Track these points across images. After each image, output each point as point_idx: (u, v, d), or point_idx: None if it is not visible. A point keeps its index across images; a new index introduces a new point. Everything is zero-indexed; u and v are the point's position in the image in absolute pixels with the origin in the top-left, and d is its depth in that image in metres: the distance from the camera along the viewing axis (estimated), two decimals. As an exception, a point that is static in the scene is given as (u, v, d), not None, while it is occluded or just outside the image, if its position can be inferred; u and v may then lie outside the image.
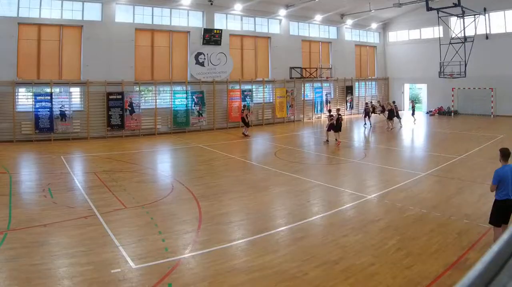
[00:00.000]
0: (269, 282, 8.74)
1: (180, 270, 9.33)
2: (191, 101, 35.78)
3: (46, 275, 8.93)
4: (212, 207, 14.09)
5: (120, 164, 22.00)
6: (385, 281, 8.68)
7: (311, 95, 44.34)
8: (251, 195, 15.62)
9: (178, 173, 20.83)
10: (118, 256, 9.94)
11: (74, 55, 31.53)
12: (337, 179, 18.52)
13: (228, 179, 18.81)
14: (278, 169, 20.24)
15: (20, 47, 29.41)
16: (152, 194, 15.95)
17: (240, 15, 39.23)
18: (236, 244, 10.91)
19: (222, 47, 37.66)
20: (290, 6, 40.41)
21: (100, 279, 8.78)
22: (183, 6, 35.41)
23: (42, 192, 15.73)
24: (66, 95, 30.82)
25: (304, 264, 9.49)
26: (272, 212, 13.92)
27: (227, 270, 9.30)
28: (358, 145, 29.10)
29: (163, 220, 12.75)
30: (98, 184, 17.17)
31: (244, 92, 38.91)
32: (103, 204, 14.21)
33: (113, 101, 32.15)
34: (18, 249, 10.15)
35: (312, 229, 12.18)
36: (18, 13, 29.21)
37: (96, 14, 32.18)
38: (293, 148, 26.57)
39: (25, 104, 29.89)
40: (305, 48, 44.28)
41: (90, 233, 11.42)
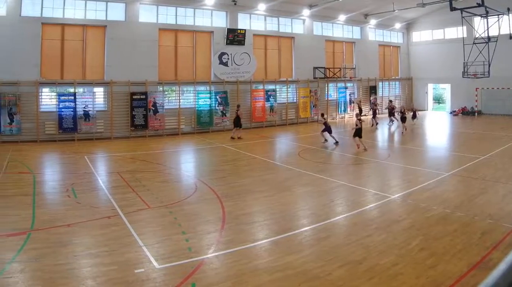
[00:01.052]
0: (292, 282, 8.49)
1: (204, 270, 9.08)
2: (215, 101, 34.44)
3: (69, 275, 8.71)
4: (236, 207, 13.66)
5: (143, 164, 21.22)
6: (408, 281, 8.46)
7: (334, 95, 42.79)
8: (274, 195, 15.08)
9: (202, 172, 19.97)
10: (142, 256, 9.69)
11: (97, 55, 30.36)
12: (360, 179, 17.79)
13: (251, 179, 18.04)
14: (302, 168, 19.46)
15: (44, 47, 28.33)
16: (176, 194, 15.48)
17: (263, 15, 37.76)
18: (260, 244, 10.59)
19: (246, 47, 36.21)
20: (314, 6, 38.88)
21: (123, 279, 8.57)
22: (207, 6, 34.04)
23: (65, 192, 15.23)
24: (90, 95, 29.70)
25: (327, 264, 9.23)
26: (295, 212, 13.45)
27: (250, 270, 9.05)
28: (382, 145, 28.06)
29: (187, 220, 12.36)
30: (122, 184, 16.60)
31: (267, 92, 37.39)
32: (127, 204, 13.81)
33: (137, 101, 30.95)
34: (42, 249, 9.86)
35: (336, 229, 11.83)
36: (42, 13, 28.13)
37: (120, 14, 30.98)
38: (316, 148, 25.53)
39: (49, 104, 28.83)
40: (328, 48, 42.59)
41: (114, 233, 11.12)
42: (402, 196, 14.62)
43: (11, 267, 8.94)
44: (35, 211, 12.87)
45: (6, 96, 26.84)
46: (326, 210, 13.36)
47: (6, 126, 26.98)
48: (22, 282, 8.35)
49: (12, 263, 9.13)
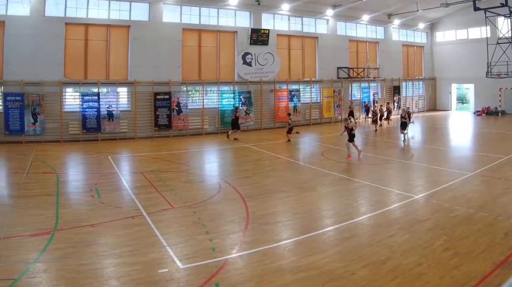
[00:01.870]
0: (316, 282, 8.20)
1: (227, 270, 8.78)
2: (238, 101, 33.06)
3: (93, 275, 8.43)
4: (259, 207, 13.20)
5: (167, 164, 20.47)
6: (432, 281, 8.16)
7: (358, 95, 41.15)
8: (298, 195, 14.59)
9: (225, 172, 19.24)
10: (166, 256, 9.39)
11: (121, 55, 29.20)
12: (384, 179, 16.96)
13: (275, 179, 17.36)
14: (326, 168, 18.78)
15: (67, 47, 27.23)
16: (199, 194, 14.91)
17: (287, 15, 36.18)
18: (283, 244, 10.24)
19: (270, 47, 34.72)
20: (337, 6, 37.31)
21: (147, 279, 8.31)
22: (231, 6, 32.71)
23: (89, 192, 14.78)
24: (114, 95, 28.54)
25: (351, 264, 8.94)
26: (319, 212, 13.03)
27: (274, 270, 8.75)
28: (405, 145, 26.51)
29: (210, 220, 11.96)
30: (145, 184, 16.05)
31: (291, 92, 35.91)
32: (150, 204, 13.39)
33: (161, 101, 29.75)
34: (65, 249, 9.60)
35: (359, 229, 11.36)
36: (65, 13, 27.05)
37: (144, 14, 29.78)
38: (340, 148, 24.04)
39: (72, 104, 27.81)
40: (352, 48, 40.84)
41: (137, 233, 10.80)
42: (425, 196, 14.14)
43: (34, 267, 8.67)
44: (59, 211, 12.47)
45: (30, 96, 25.82)
46: (349, 210, 12.88)
47: (30, 126, 25.96)
48: (46, 282, 8.06)
49: (35, 263, 8.85)
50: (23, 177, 16.79)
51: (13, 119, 25.52)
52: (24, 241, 10.09)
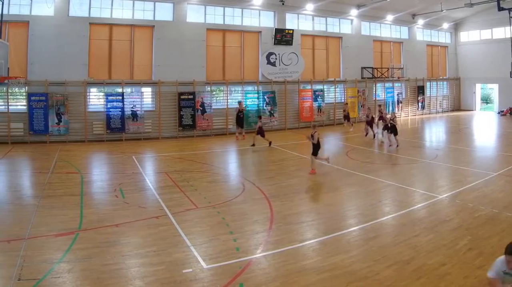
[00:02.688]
0: (340, 282, 7.99)
1: (252, 270, 8.54)
2: (263, 101, 31.51)
3: (117, 275, 8.21)
4: (284, 206, 12.79)
5: (191, 164, 19.61)
6: (456, 281, 7.96)
7: (382, 95, 39.06)
8: (322, 195, 14.49)
9: (249, 173, 18.37)
10: (190, 256, 9.14)
11: (145, 55, 27.84)
12: (408, 179, 16.31)
13: (299, 179, 16.64)
14: (350, 168, 18.15)
15: (92, 47, 26.01)
16: (224, 194, 14.43)
17: (311, 15, 34.37)
18: (308, 244, 9.92)
19: (294, 47, 33.03)
20: (362, 6, 35.44)
21: (171, 279, 8.09)
22: (255, 6, 31.11)
23: (113, 192, 14.35)
24: (138, 95, 27.20)
25: (375, 264, 8.71)
26: (343, 212, 12.58)
27: (298, 270, 8.51)
28: (429, 145, 25.47)
29: (235, 220, 11.59)
30: (170, 184, 15.53)
31: (315, 92, 34.13)
32: (175, 204, 12.98)
33: (185, 101, 28.34)
34: (90, 249, 9.37)
35: (384, 229, 10.97)
36: (90, 13, 25.83)
37: (168, 14, 28.38)
38: (364, 148, 23.33)
39: (97, 104, 26.57)
40: (376, 48, 38.79)
41: (162, 233, 10.49)
42: (450, 196, 13.70)
43: (59, 267, 8.42)
44: (83, 211, 12.14)
45: (54, 96, 24.66)
46: (373, 210, 12.43)
47: (54, 126, 24.78)
48: (70, 282, 7.87)
49: (60, 263, 8.60)
50: (47, 177, 16.21)
51: (37, 120, 24.38)
52: (49, 241, 9.78)
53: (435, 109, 43.72)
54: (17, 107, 24.95)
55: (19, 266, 8.39)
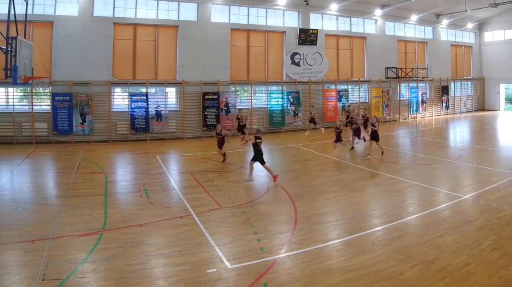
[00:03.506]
0: (365, 282, 7.48)
1: (276, 270, 8.08)
2: (287, 101, 29.64)
3: (141, 275, 7.81)
4: (308, 206, 12.14)
5: (215, 164, 18.39)
6: (480, 281, 7.46)
7: (406, 95, 36.77)
8: (346, 195, 13.43)
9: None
10: (214, 256, 8.70)
11: (169, 55, 26.24)
12: (432, 179, 15.32)
13: (323, 179, 15.78)
14: (374, 169, 17.19)
15: (116, 47, 24.54)
16: (248, 194, 13.78)
17: (335, 15, 32.32)
18: (332, 244, 9.42)
19: (318, 47, 31.02)
20: (386, 6, 33.23)
21: (195, 279, 7.66)
22: (279, 6, 29.22)
23: (137, 192, 13.63)
24: (162, 95, 25.66)
25: (399, 264, 8.21)
26: (367, 212, 11.87)
27: (323, 270, 8.04)
28: (453, 145, 24.00)
29: (259, 219, 11.02)
30: (194, 184, 14.73)
31: (339, 92, 32.14)
32: (199, 204, 12.32)
33: (209, 101, 26.68)
34: (114, 249, 8.94)
35: (408, 229, 10.39)
36: (114, 13, 24.36)
37: (192, 14, 26.74)
38: (388, 148, 21.53)
39: (121, 104, 25.07)
40: (400, 48, 36.45)
41: (186, 233, 9.99)
42: (474, 196, 12.97)
43: (83, 267, 8.06)
44: (107, 211, 11.59)
45: (78, 96, 23.27)
46: (398, 210, 11.82)
47: (78, 126, 23.39)
48: (94, 282, 7.53)
49: (84, 263, 8.23)
50: (71, 177, 15.47)
51: (61, 120, 23.02)
52: (73, 241, 9.37)
53: (459, 109, 41.22)
54: (41, 107, 23.59)
55: (43, 266, 7.99)
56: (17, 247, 8.99)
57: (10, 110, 22.73)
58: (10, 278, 7.56)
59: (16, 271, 7.86)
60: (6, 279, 7.49)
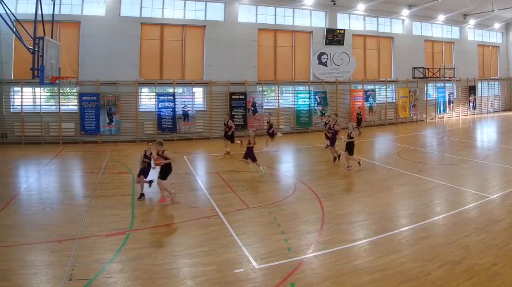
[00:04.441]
0: (392, 282, 6.94)
1: (303, 270, 7.46)
2: (314, 101, 27.39)
3: (168, 275, 7.23)
4: (335, 206, 11.39)
5: (242, 164, 16.42)
6: (507, 281, 6.92)
7: (433, 95, 33.90)
8: (373, 195, 12.51)
9: (301, 172, 15.99)
10: (241, 256, 8.04)
11: (196, 55, 24.28)
12: (459, 179, 14.34)
13: (350, 178, 14.79)
14: (401, 168, 15.95)
15: (143, 47, 22.75)
16: (275, 194, 12.79)
17: (362, 15, 29.80)
18: (359, 244, 8.66)
19: (345, 47, 28.58)
20: (413, 6, 30.48)
21: (223, 279, 7.09)
22: (306, 6, 26.94)
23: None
24: (189, 95, 23.76)
25: (426, 264, 7.57)
26: (394, 212, 11.10)
27: (350, 270, 7.42)
28: (480, 145, 22.37)
29: (286, 219, 10.25)
30: (221, 184, 13.76)
31: (366, 92, 29.65)
32: (226, 204, 11.53)
33: (236, 101, 24.70)
34: (141, 249, 8.32)
35: (435, 229, 9.54)
36: (141, 13, 22.58)
37: (219, 14, 24.76)
38: (416, 148, 20.59)
39: (148, 104, 23.23)
40: (427, 48, 33.52)
41: (213, 233, 9.29)
42: (501, 196, 12.06)
43: (110, 267, 7.48)
44: (134, 211, 10.87)
45: (105, 96, 21.58)
46: (425, 210, 11.03)
47: (105, 126, 21.71)
48: (121, 282, 6.98)
49: (111, 263, 7.65)
50: (98, 177, 14.48)
51: (88, 120, 21.38)
52: (100, 241, 8.81)
53: (486, 109, 38.13)
54: (68, 107, 21.98)
55: (71, 266, 7.50)
56: (45, 247, 8.43)
57: (38, 110, 21.16)
58: (38, 278, 7.08)
59: (44, 271, 7.34)
60: (34, 279, 7.04)
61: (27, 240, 8.72)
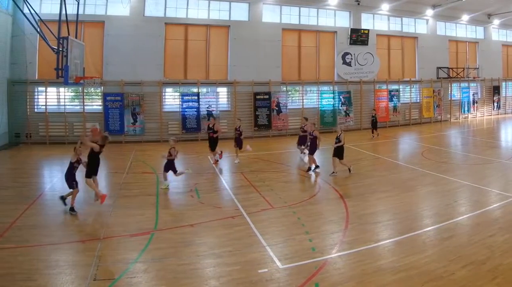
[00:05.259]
0: (416, 282, 6.42)
1: (327, 270, 6.86)
2: (338, 101, 25.30)
3: (193, 275, 6.71)
4: (359, 206, 10.29)
5: (267, 164, 15.79)
6: None
7: (458, 95, 31.21)
8: (398, 195, 11.43)
9: (325, 173, 14.19)
10: (265, 256, 7.40)
11: (221, 55, 22.37)
12: (484, 179, 13.17)
13: (375, 178, 13.54)
14: (425, 168, 14.71)
15: (167, 47, 20.94)
16: (299, 194, 11.83)
17: (387, 15, 27.34)
18: (383, 244, 7.95)
19: (369, 47, 26.24)
20: (437, 6, 27.94)
21: (247, 279, 6.55)
22: (330, 6, 24.72)
23: (189, 192, 11.76)
24: (213, 95, 21.93)
25: (450, 264, 6.96)
26: (419, 212, 10.00)
27: (374, 270, 6.80)
28: (505, 145, 20.51)
29: (310, 219, 9.34)
30: (245, 184, 12.71)
31: (391, 92, 27.25)
32: (250, 204, 10.57)
33: (260, 101, 22.72)
34: (165, 249, 7.66)
35: (459, 229, 8.74)
36: (165, 13, 20.82)
37: (243, 14, 22.79)
38: (440, 148, 19.12)
39: (172, 104, 21.40)
40: (452, 48, 30.76)
41: (237, 233, 8.54)
42: None
43: (134, 267, 6.91)
44: (159, 211, 10.05)
45: (130, 96, 19.92)
46: (449, 210, 10.02)
47: (130, 126, 20.06)
48: (146, 282, 6.48)
49: (135, 263, 7.05)
50: (122, 177, 13.50)
51: (112, 120, 19.74)
52: (124, 241, 8.12)
53: (511, 109, 35.66)
54: (92, 107, 20.32)
55: (95, 266, 6.92)
56: (69, 247, 7.90)
57: (62, 110, 19.56)
58: (62, 278, 6.61)
59: (68, 271, 6.86)
60: (58, 279, 6.56)
61: (51, 240, 8.09)
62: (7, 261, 7.10)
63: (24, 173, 13.33)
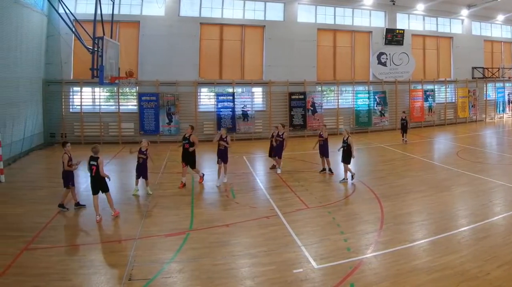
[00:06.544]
0: (451, 282, 5.59)
1: (362, 270, 6.03)
2: (373, 101, 21.95)
3: (228, 275, 5.95)
4: (394, 207, 8.95)
5: (302, 164, 13.95)
6: None
7: (493, 95, 27.07)
8: (433, 195, 9.74)
9: (360, 172, 12.31)
10: (300, 256, 6.51)
11: (256, 55, 19.42)
12: None
13: (410, 178, 11.76)
14: (460, 168, 12.72)
15: (202, 47, 18.25)
16: (334, 194, 10.20)
17: (422, 15, 23.64)
18: (418, 244, 6.93)
19: (404, 47, 22.70)
20: (472, 6, 24.06)
21: (282, 279, 5.81)
22: (365, 6, 21.40)
23: (224, 192, 10.31)
24: (248, 95, 19.06)
25: (486, 264, 6.06)
26: (454, 212, 8.66)
27: (409, 270, 5.96)
28: None
29: (345, 220, 8.13)
30: (280, 184, 11.09)
31: (426, 92, 23.63)
32: (285, 204, 9.26)
33: (295, 101, 19.70)
34: (200, 249, 6.78)
35: (494, 229, 7.55)
36: (200, 13, 18.21)
37: (278, 14, 19.77)
38: (475, 148, 16.91)
39: (207, 104, 18.69)
40: (487, 48, 26.61)
41: (272, 233, 7.49)
42: None
43: (169, 267, 6.13)
44: (194, 211, 8.81)
45: (165, 96, 17.34)
46: (484, 210, 8.59)
47: (165, 126, 17.50)
48: (181, 282, 5.78)
49: (170, 263, 6.24)
50: (158, 177, 11.84)
51: (148, 119, 17.25)
52: (159, 241, 7.09)
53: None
54: (127, 107, 17.83)
55: (130, 266, 6.08)
56: (104, 247, 6.96)
57: (97, 110, 17.18)
58: (97, 278, 5.79)
59: (103, 271, 6.03)
60: (93, 279, 5.75)
61: (86, 240, 7.31)
62: (42, 261, 6.32)
63: (59, 173, 11.34)
